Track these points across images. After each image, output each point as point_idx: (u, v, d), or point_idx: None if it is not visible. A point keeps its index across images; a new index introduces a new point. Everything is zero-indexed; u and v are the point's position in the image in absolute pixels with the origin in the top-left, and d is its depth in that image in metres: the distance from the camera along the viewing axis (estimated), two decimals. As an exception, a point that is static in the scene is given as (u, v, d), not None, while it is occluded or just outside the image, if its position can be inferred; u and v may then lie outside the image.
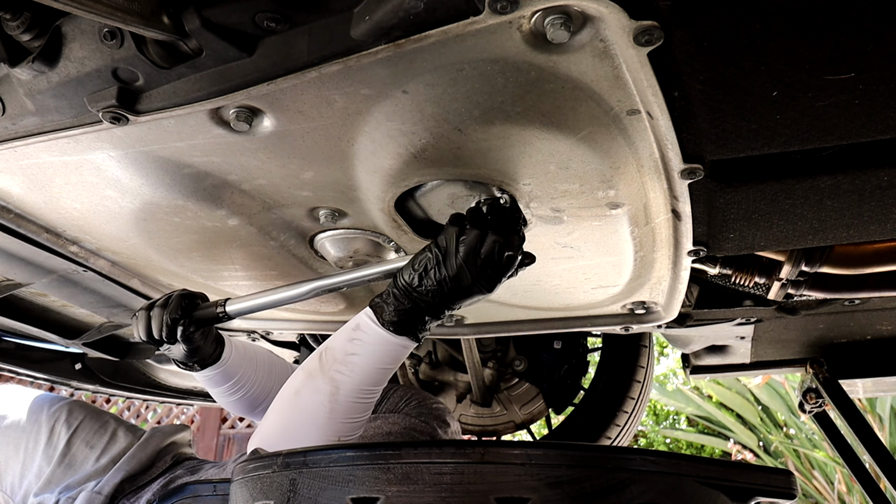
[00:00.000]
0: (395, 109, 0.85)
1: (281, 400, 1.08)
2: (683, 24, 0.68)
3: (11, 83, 0.88)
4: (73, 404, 1.59)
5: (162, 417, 6.71)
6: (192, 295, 1.26)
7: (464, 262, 0.98)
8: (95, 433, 1.53)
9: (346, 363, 1.03)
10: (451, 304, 1.02)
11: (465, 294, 1.01)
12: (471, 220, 1.00)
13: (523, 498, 0.70)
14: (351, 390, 1.02)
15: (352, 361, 1.03)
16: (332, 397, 1.01)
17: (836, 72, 0.73)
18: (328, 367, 1.04)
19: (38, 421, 1.54)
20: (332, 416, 1.02)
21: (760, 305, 1.52)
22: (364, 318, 1.04)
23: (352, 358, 1.03)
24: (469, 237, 0.98)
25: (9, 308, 1.65)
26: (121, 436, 1.54)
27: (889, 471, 1.86)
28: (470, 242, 0.98)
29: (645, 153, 0.91)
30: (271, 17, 0.75)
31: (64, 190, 1.10)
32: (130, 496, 1.39)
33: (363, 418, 1.06)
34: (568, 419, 2.44)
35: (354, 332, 1.05)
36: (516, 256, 1.02)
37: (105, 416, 1.60)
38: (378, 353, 1.03)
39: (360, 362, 1.03)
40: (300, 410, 1.04)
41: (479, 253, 0.98)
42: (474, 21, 0.68)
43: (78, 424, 1.54)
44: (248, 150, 0.95)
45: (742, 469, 0.82)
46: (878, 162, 0.92)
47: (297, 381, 1.07)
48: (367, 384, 1.04)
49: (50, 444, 1.50)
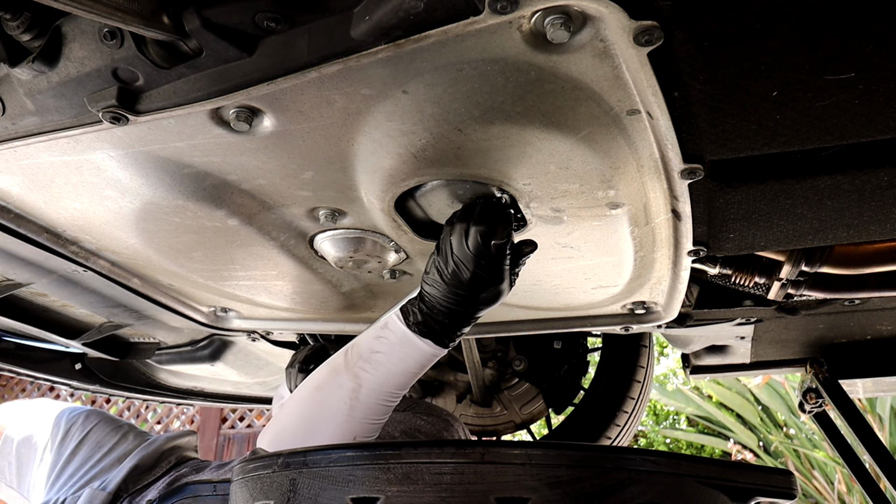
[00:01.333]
0: (395, 109, 0.85)
1: (302, 393, 1.07)
2: (683, 24, 0.68)
3: (11, 83, 0.88)
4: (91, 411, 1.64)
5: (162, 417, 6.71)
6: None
7: (457, 258, 0.99)
8: (107, 435, 1.56)
9: (371, 361, 1.03)
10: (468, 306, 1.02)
11: (475, 290, 1.01)
12: (458, 218, 1.01)
13: (523, 498, 0.70)
14: (373, 389, 1.02)
15: (376, 360, 1.03)
16: (354, 394, 1.01)
17: (836, 72, 0.73)
18: (353, 363, 1.04)
19: (58, 425, 1.58)
20: (353, 413, 1.01)
21: (760, 305, 1.52)
22: (392, 318, 1.05)
23: (377, 356, 1.04)
24: (454, 232, 0.99)
25: (9, 308, 1.65)
26: (130, 438, 1.56)
27: (889, 471, 1.86)
28: (457, 237, 0.99)
29: (645, 153, 0.91)
30: (271, 17, 0.75)
31: (64, 190, 1.10)
32: (135, 495, 1.39)
33: (381, 421, 1.06)
34: (568, 419, 2.44)
35: (381, 331, 1.06)
36: (505, 243, 1.02)
37: (119, 422, 1.63)
38: (402, 355, 1.03)
39: (385, 361, 1.03)
40: (321, 404, 1.03)
41: (467, 245, 0.99)
42: (474, 21, 0.68)
43: (92, 427, 1.57)
44: (248, 150, 0.95)
45: (742, 469, 0.82)
46: (878, 162, 0.92)
47: (321, 375, 1.07)
48: (390, 386, 1.04)
49: (63, 445, 1.53)
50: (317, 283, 1.45)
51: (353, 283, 1.48)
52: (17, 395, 7.23)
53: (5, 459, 1.57)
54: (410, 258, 1.29)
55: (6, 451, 1.58)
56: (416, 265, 1.33)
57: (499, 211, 1.02)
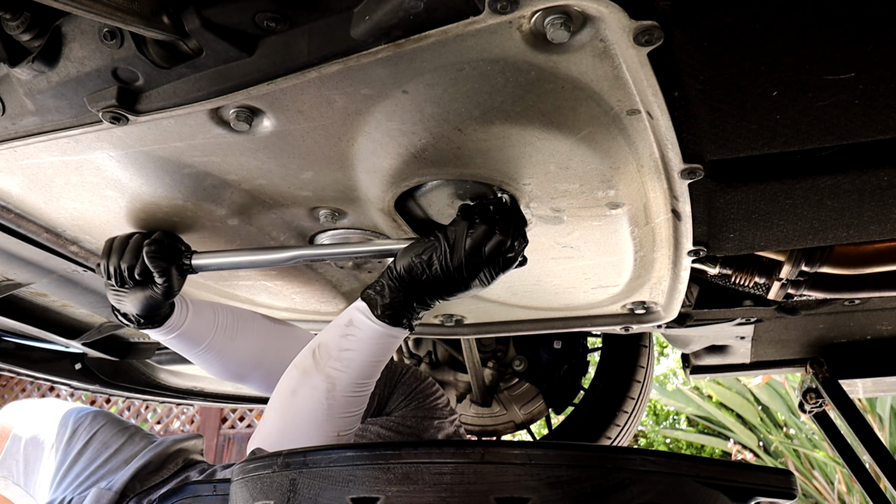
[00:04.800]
0: (395, 109, 0.85)
1: (278, 400, 1.08)
2: (683, 24, 0.68)
3: (11, 83, 0.88)
4: (98, 412, 1.64)
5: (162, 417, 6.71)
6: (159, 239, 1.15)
7: (468, 256, 0.99)
8: (113, 436, 1.56)
9: (341, 359, 1.04)
10: (446, 296, 1.03)
11: (463, 287, 1.02)
12: (480, 216, 1.00)
13: (523, 498, 0.70)
14: (347, 385, 1.03)
15: (346, 357, 1.04)
16: (329, 394, 1.02)
17: (836, 72, 0.73)
18: (323, 363, 1.04)
19: (65, 425, 1.58)
20: (331, 412, 1.02)
21: (760, 305, 1.52)
22: (356, 314, 1.05)
23: (346, 354, 1.04)
24: (477, 232, 0.99)
25: (9, 308, 1.65)
26: (136, 440, 1.56)
27: (889, 471, 1.86)
28: (477, 237, 0.98)
29: (645, 153, 0.91)
30: (271, 17, 0.75)
31: (64, 190, 1.10)
32: (142, 496, 1.39)
33: (360, 411, 1.08)
34: (568, 419, 2.44)
35: (348, 328, 1.05)
36: (516, 258, 1.03)
37: (126, 424, 1.63)
38: (372, 347, 1.04)
39: (355, 357, 1.04)
40: (298, 409, 1.04)
41: (483, 250, 0.99)
42: (474, 21, 0.68)
43: (99, 428, 1.57)
44: (248, 150, 0.95)
45: (742, 469, 0.82)
46: (878, 162, 0.92)
47: (293, 379, 1.07)
48: (363, 377, 1.05)
49: (69, 445, 1.54)
50: (317, 283, 1.45)
51: (353, 283, 1.48)
52: (17, 396, 7.22)
53: (13, 458, 1.58)
54: (410, 258, 1.29)
55: (14, 449, 1.58)
56: (416, 265, 1.33)
57: (519, 223, 1.04)
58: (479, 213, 1.01)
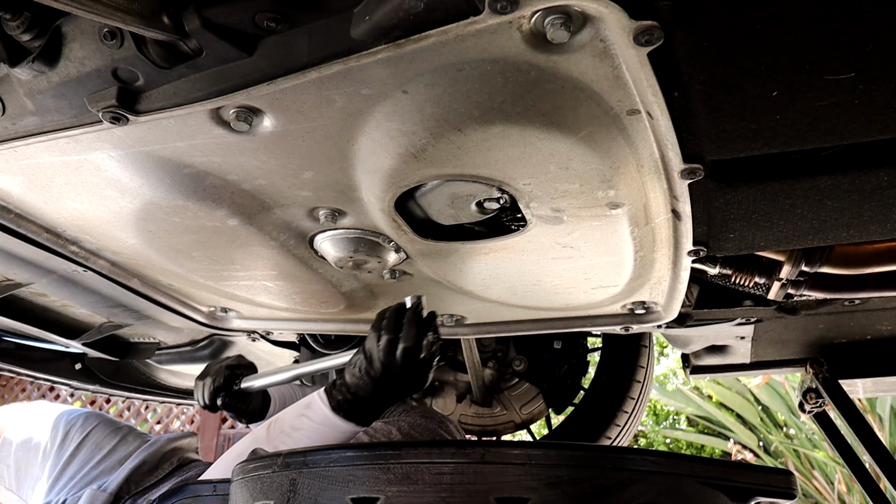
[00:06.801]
0: (395, 109, 0.85)
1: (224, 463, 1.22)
2: (683, 24, 0.68)
3: (11, 83, 0.88)
4: (90, 413, 1.64)
5: (162, 417, 6.72)
6: (235, 366, 1.41)
7: (385, 366, 1.13)
8: (106, 436, 1.56)
9: (292, 436, 1.15)
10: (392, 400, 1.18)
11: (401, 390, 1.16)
12: (384, 328, 1.15)
13: (523, 498, 0.70)
14: None
15: (297, 436, 1.15)
16: None
17: (836, 72, 0.73)
18: (274, 436, 1.16)
19: (57, 427, 1.58)
20: None
21: (760, 305, 1.52)
22: (316, 399, 1.18)
23: (297, 433, 1.15)
24: (382, 344, 1.14)
25: (9, 308, 1.65)
26: (130, 440, 1.56)
27: (889, 471, 1.86)
28: (384, 349, 1.14)
29: (645, 153, 0.91)
30: (271, 17, 0.75)
31: (64, 190, 1.10)
32: (137, 496, 1.39)
33: None
34: (568, 419, 2.44)
35: (305, 410, 1.19)
36: (432, 356, 1.16)
37: (119, 424, 1.64)
38: (322, 433, 1.15)
39: (304, 438, 1.15)
40: None
41: (394, 358, 1.13)
42: (474, 21, 0.68)
43: (91, 429, 1.57)
44: (248, 150, 0.95)
45: (742, 469, 0.82)
46: (878, 162, 0.92)
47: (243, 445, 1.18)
48: None
49: (62, 447, 1.53)
50: (317, 283, 1.45)
51: (353, 283, 1.48)
52: (17, 395, 7.22)
53: (4, 462, 1.56)
54: (410, 258, 1.29)
55: (4, 453, 1.57)
56: (416, 265, 1.33)
57: (424, 324, 1.17)
58: (385, 322, 1.15)
